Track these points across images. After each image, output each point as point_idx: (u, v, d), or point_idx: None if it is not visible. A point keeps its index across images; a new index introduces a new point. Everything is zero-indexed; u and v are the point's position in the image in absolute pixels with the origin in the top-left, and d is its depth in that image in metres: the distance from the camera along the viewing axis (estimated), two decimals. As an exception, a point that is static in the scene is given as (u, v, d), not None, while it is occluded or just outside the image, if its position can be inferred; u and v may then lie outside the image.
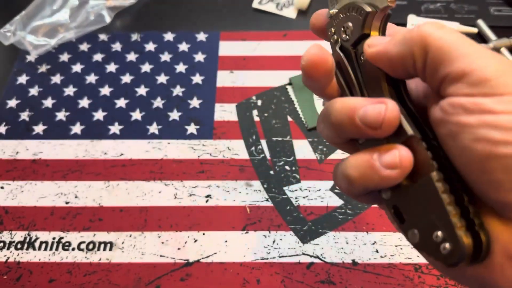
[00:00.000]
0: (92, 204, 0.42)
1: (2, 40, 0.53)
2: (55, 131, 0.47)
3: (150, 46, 0.54)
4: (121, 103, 0.49)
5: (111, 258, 0.38)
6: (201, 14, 0.58)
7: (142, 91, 0.50)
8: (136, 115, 0.48)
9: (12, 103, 0.49)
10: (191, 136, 0.46)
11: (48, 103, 0.49)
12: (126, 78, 0.51)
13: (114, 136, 0.47)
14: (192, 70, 0.52)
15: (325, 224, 0.40)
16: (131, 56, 0.53)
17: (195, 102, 0.49)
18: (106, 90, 0.50)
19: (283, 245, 0.39)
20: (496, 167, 0.16)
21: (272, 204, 0.41)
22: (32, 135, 0.47)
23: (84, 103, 0.49)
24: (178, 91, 0.50)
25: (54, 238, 0.40)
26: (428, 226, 0.18)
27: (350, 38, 0.21)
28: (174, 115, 0.48)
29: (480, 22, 0.54)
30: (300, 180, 0.43)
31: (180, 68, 0.52)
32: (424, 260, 0.38)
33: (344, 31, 0.22)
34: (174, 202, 0.42)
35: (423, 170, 0.18)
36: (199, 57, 0.53)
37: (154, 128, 0.47)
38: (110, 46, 0.54)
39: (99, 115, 0.48)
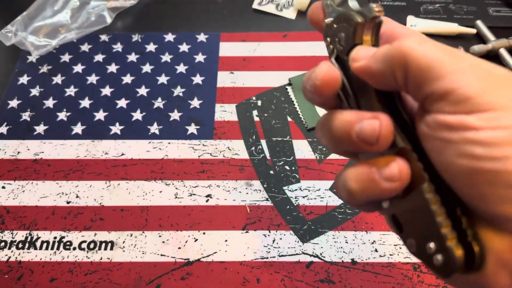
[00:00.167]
0: (93, 204, 0.42)
1: (4, 40, 0.53)
2: (56, 131, 0.47)
3: (151, 47, 0.55)
4: (122, 103, 0.50)
5: (112, 257, 0.39)
6: (201, 15, 0.58)
7: (143, 91, 0.50)
8: (137, 115, 0.48)
9: (13, 103, 0.50)
10: (192, 136, 0.47)
11: (49, 103, 0.50)
12: (127, 79, 0.52)
13: (115, 136, 0.47)
14: (193, 70, 0.52)
15: (324, 224, 0.40)
16: (132, 57, 0.54)
17: (195, 103, 0.49)
18: (107, 91, 0.51)
19: (283, 244, 0.39)
20: (481, 182, 0.16)
21: (272, 204, 0.42)
22: (33, 135, 0.47)
23: (85, 103, 0.50)
24: (178, 91, 0.50)
25: (55, 238, 0.40)
26: (422, 236, 0.18)
27: (344, 48, 0.21)
28: (175, 115, 0.48)
29: (479, 23, 0.54)
30: (300, 180, 0.43)
31: (181, 68, 0.52)
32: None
33: (338, 41, 0.22)
34: (175, 202, 0.42)
35: (415, 181, 0.18)
36: (200, 57, 0.53)
37: (154, 128, 0.47)
38: (111, 46, 0.55)
39: (100, 115, 0.49)
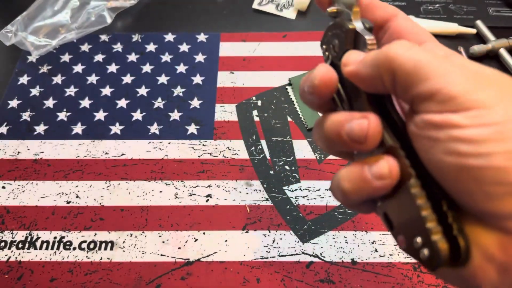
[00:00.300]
0: (93, 204, 0.42)
1: (4, 40, 0.53)
2: (56, 131, 0.47)
3: (151, 47, 0.55)
4: (122, 103, 0.50)
5: (112, 257, 0.39)
6: (201, 15, 0.58)
7: (143, 91, 0.50)
8: (137, 115, 0.48)
9: (13, 103, 0.50)
10: (192, 136, 0.47)
11: (50, 103, 0.50)
12: (127, 79, 0.52)
13: (115, 136, 0.47)
14: (193, 70, 0.52)
15: (324, 224, 0.40)
16: (132, 57, 0.54)
17: (195, 103, 0.49)
18: (107, 91, 0.51)
19: (282, 244, 0.39)
20: (468, 179, 0.16)
21: (272, 204, 0.42)
22: (33, 135, 0.47)
23: (85, 103, 0.50)
24: (178, 91, 0.50)
25: (55, 238, 0.40)
26: (410, 232, 0.19)
27: (338, 54, 0.22)
28: (175, 115, 0.48)
29: (479, 23, 0.54)
30: (300, 180, 0.43)
31: (181, 68, 0.53)
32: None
33: (333, 47, 0.23)
34: (175, 202, 0.42)
35: (403, 178, 0.19)
36: (200, 57, 0.53)
37: (155, 128, 0.47)
38: (111, 46, 0.55)
39: (100, 115, 0.49)
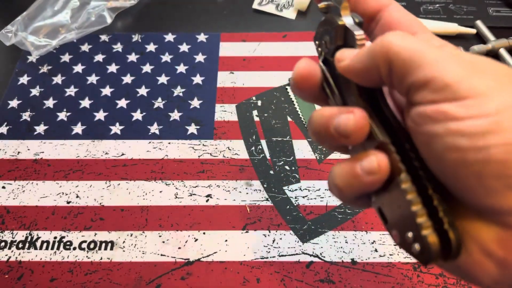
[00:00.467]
0: (93, 204, 0.42)
1: (4, 40, 0.53)
2: (56, 131, 0.47)
3: (151, 47, 0.55)
4: (122, 103, 0.50)
5: (112, 257, 0.39)
6: (201, 15, 0.58)
7: (143, 91, 0.51)
8: (137, 115, 0.48)
9: (13, 103, 0.50)
10: (192, 136, 0.47)
11: (50, 103, 0.50)
12: (127, 79, 0.52)
13: (115, 136, 0.47)
14: (193, 70, 0.52)
15: (324, 224, 0.40)
16: (132, 57, 0.54)
17: (195, 103, 0.49)
18: (107, 91, 0.51)
19: (282, 244, 0.39)
20: (467, 174, 0.16)
21: (272, 204, 0.42)
22: (33, 135, 0.47)
23: (85, 103, 0.50)
24: (178, 91, 0.50)
25: (55, 238, 0.40)
26: (402, 227, 0.19)
27: (329, 50, 0.22)
28: (175, 115, 0.48)
29: (479, 23, 0.54)
30: (300, 180, 0.43)
31: (181, 68, 0.53)
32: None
33: (325, 43, 0.23)
34: (175, 202, 0.42)
35: (394, 173, 0.19)
36: (200, 57, 0.53)
37: (155, 128, 0.47)
38: (111, 46, 0.55)
39: (100, 115, 0.49)
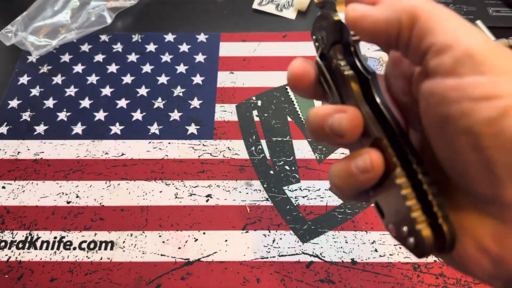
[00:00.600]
0: (93, 204, 0.42)
1: (4, 40, 0.53)
2: (56, 131, 0.47)
3: (151, 47, 0.55)
4: (122, 103, 0.50)
5: (112, 257, 0.39)
6: (201, 15, 0.58)
7: (143, 91, 0.50)
8: (137, 115, 0.48)
9: (13, 103, 0.50)
10: (192, 136, 0.47)
11: (50, 103, 0.50)
12: (127, 79, 0.52)
13: (115, 136, 0.47)
14: (193, 70, 0.52)
15: (324, 224, 0.40)
16: (132, 57, 0.54)
17: (195, 103, 0.49)
18: (107, 91, 0.51)
19: (282, 244, 0.39)
20: (477, 160, 0.15)
21: (272, 204, 0.42)
22: (33, 135, 0.47)
23: (85, 103, 0.50)
24: (178, 91, 0.50)
25: (55, 238, 0.40)
26: (398, 221, 0.19)
27: (326, 45, 0.22)
28: (175, 115, 0.48)
29: (479, 23, 0.54)
30: (300, 180, 0.43)
31: (181, 68, 0.53)
32: (423, 259, 0.38)
33: (321, 38, 0.23)
34: (175, 202, 0.42)
35: (389, 168, 0.19)
36: (200, 57, 0.53)
37: (155, 128, 0.47)
38: (111, 46, 0.55)
39: (100, 115, 0.49)
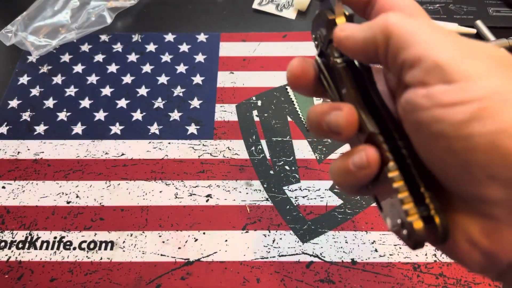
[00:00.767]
0: (93, 204, 0.42)
1: (4, 40, 0.53)
2: (56, 131, 0.47)
3: (151, 47, 0.55)
4: (122, 103, 0.50)
5: (112, 257, 0.39)
6: (201, 15, 0.58)
7: (143, 91, 0.50)
8: (137, 115, 0.48)
9: (13, 103, 0.50)
10: (192, 136, 0.47)
11: (50, 103, 0.50)
12: (127, 79, 0.52)
13: (115, 136, 0.47)
14: (193, 70, 0.52)
15: (324, 224, 0.40)
16: (132, 57, 0.54)
17: (195, 103, 0.49)
18: (107, 91, 0.51)
19: (282, 244, 0.39)
20: (454, 162, 0.16)
21: (272, 204, 0.42)
22: (33, 135, 0.47)
23: (85, 103, 0.50)
24: (178, 91, 0.50)
25: (55, 238, 0.40)
26: (393, 214, 0.19)
27: (324, 43, 0.23)
28: (175, 115, 0.48)
29: (479, 23, 0.54)
30: (300, 180, 0.43)
31: (181, 68, 0.53)
32: (423, 259, 0.38)
33: (320, 37, 0.23)
34: (175, 202, 0.42)
35: (384, 162, 0.20)
36: (200, 57, 0.53)
37: (155, 128, 0.47)
38: (111, 46, 0.55)
39: (100, 115, 0.49)
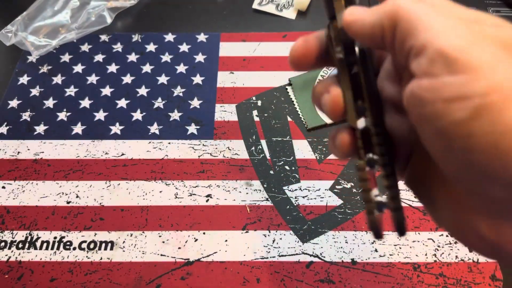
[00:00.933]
0: (93, 204, 0.42)
1: (4, 40, 0.53)
2: (56, 131, 0.47)
3: (151, 47, 0.55)
4: (122, 103, 0.50)
5: (112, 257, 0.39)
6: (201, 15, 0.58)
7: (143, 91, 0.50)
8: (137, 115, 0.48)
9: (13, 103, 0.50)
10: (192, 136, 0.47)
11: (50, 103, 0.50)
12: (127, 79, 0.52)
13: (115, 136, 0.47)
14: (193, 70, 0.52)
15: (324, 224, 0.40)
16: (132, 57, 0.54)
17: (195, 103, 0.49)
18: (107, 91, 0.51)
19: (282, 244, 0.39)
20: (455, 160, 0.16)
21: (272, 204, 0.42)
22: (33, 135, 0.47)
23: (85, 103, 0.50)
24: (178, 91, 0.50)
25: (55, 238, 0.40)
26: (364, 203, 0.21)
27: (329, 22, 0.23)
28: (175, 115, 0.48)
29: (479, 23, 0.54)
30: (300, 180, 0.43)
31: (181, 68, 0.53)
32: (423, 259, 0.38)
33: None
34: (175, 202, 0.42)
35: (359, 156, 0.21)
36: (200, 57, 0.53)
37: (155, 128, 0.47)
38: (111, 46, 0.55)
39: (100, 115, 0.49)
